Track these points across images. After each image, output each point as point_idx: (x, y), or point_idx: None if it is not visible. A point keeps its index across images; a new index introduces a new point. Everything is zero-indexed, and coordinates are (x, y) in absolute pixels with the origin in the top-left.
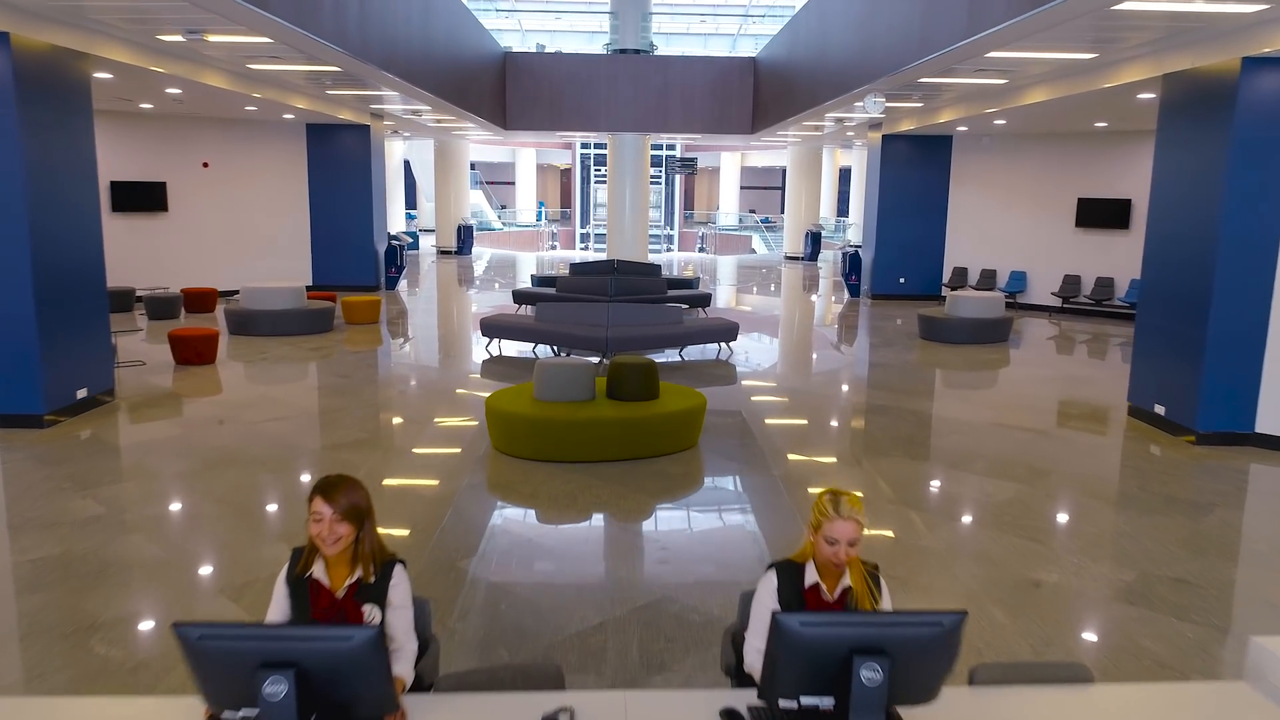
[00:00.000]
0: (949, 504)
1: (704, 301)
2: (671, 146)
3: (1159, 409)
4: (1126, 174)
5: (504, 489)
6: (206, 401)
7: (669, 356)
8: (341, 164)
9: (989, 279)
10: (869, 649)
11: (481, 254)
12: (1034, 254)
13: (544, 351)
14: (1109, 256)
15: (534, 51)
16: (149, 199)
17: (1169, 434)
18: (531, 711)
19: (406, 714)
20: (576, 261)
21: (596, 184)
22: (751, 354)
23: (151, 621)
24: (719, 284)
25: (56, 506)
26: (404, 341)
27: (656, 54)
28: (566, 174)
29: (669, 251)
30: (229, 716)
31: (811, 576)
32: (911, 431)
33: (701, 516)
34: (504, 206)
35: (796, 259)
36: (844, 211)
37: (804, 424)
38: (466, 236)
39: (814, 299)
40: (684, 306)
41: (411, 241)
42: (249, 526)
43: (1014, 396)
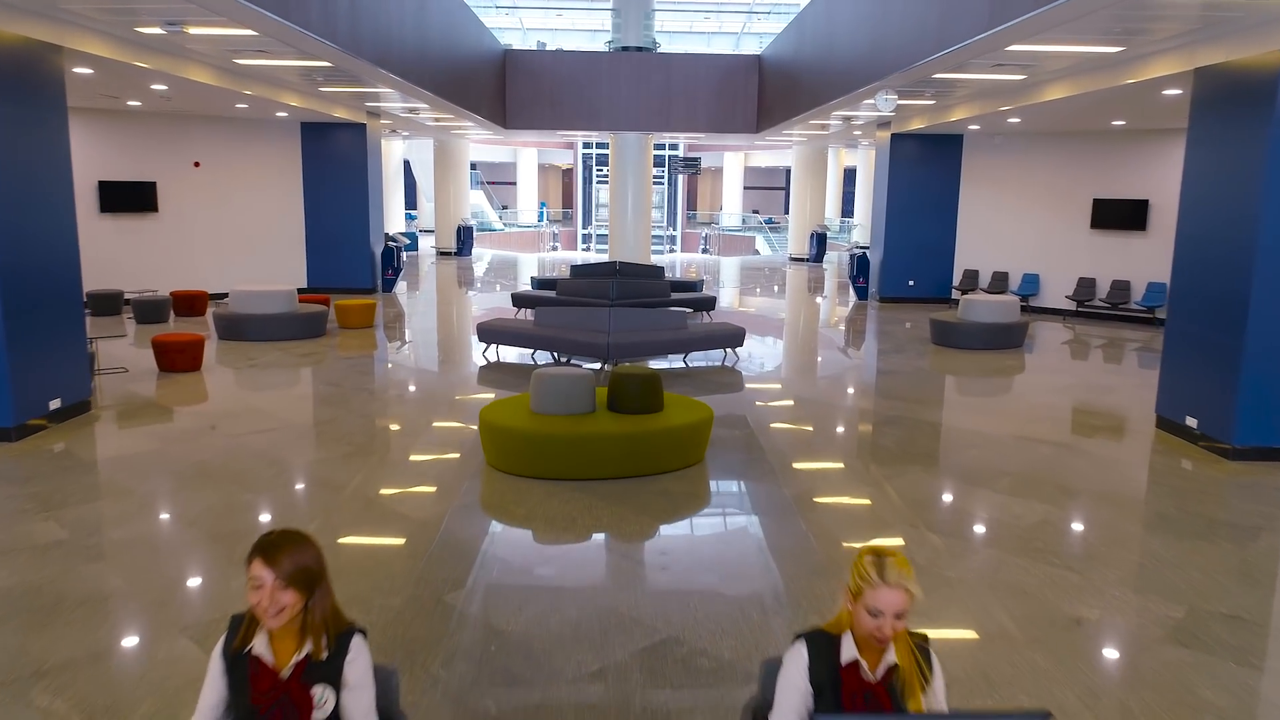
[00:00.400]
0: (973, 527)
1: (708, 305)
2: (674, 146)
3: (1190, 421)
4: (1144, 173)
5: (497, 510)
6: (189, 411)
7: (673, 362)
8: (337, 163)
9: (1001, 281)
10: None
11: (482, 255)
12: (1047, 256)
13: (543, 358)
14: (1125, 259)
15: (535, 49)
16: (138, 199)
17: (1201, 448)
18: None
19: None
20: (577, 264)
21: (599, 184)
22: (758, 359)
23: (103, 667)
24: (723, 286)
25: (15, 531)
26: (399, 346)
27: (659, 52)
28: (568, 174)
29: (671, 252)
30: None
31: (850, 651)
32: (928, 445)
33: (709, 541)
34: (505, 207)
35: (801, 260)
36: (849, 212)
37: (814, 436)
38: (466, 237)
39: (820, 301)
40: (688, 311)
41: (410, 242)
42: (222, 554)
43: (1034, 406)
